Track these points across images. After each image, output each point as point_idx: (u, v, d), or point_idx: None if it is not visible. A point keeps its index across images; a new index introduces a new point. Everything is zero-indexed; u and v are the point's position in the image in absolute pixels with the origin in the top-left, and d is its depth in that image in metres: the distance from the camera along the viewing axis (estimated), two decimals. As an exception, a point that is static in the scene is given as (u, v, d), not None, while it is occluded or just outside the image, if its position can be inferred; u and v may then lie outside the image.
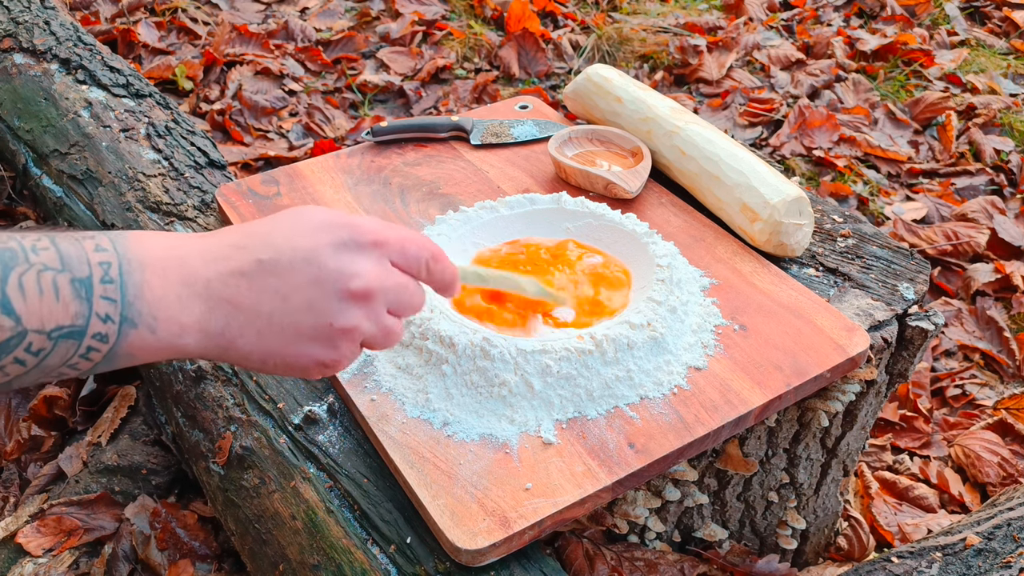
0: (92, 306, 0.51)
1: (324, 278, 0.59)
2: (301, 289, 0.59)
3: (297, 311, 0.59)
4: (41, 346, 0.50)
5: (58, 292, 0.50)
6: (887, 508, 1.41)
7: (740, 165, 1.05)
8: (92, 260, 0.52)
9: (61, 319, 0.50)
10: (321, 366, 0.62)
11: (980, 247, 1.97)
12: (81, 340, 0.51)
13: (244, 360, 0.60)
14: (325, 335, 0.60)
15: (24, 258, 0.49)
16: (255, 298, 0.58)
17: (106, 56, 1.62)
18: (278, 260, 0.59)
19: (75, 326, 0.50)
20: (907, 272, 1.03)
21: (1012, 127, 2.39)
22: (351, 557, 0.79)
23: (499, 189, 1.17)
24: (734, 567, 1.06)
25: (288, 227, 0.61)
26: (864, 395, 1.02)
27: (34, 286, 0.49)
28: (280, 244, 0.60)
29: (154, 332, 0.54)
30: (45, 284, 0.49)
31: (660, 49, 2.74)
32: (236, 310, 0.57)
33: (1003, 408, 1.60)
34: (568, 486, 0.76)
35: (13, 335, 0.48)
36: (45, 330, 0.49)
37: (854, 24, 2.99)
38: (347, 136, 2.30)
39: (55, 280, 0.50)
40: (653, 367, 0.86)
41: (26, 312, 0.48)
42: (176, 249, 0.57)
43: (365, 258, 0.62)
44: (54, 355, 0.50)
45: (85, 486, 1.20)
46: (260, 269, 0.58)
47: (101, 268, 0.52)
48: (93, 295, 0.51)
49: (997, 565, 0.93)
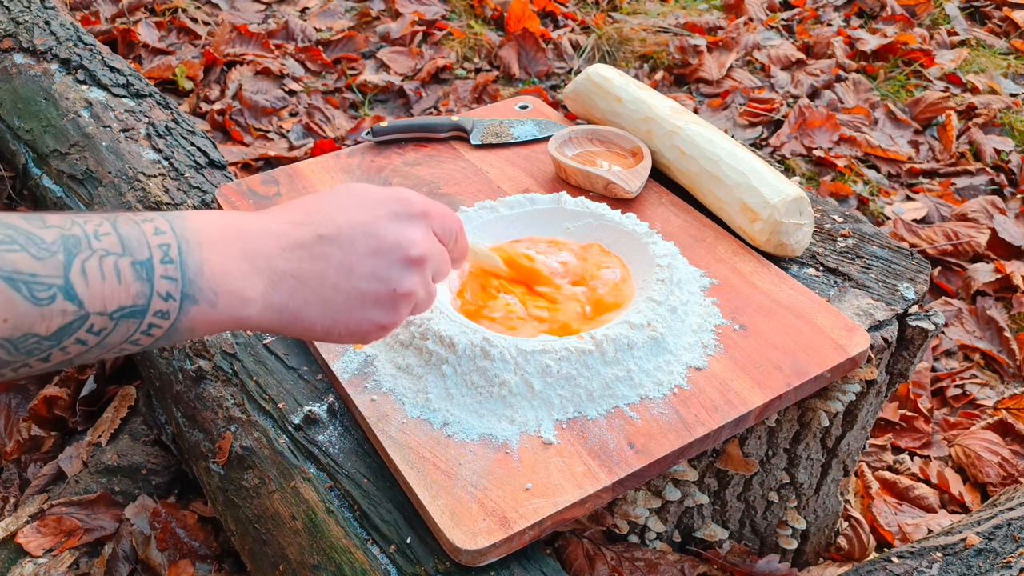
0: (153, 286, 0.52)
1: (385, 248, 0.64)
2: (364, 260, 0.63)
3: (362, 280, 0.63)
4: (103, 326, 0.51)
5: (120, 275, 0.51)
6: (887, 508, 1.41)
7: (740, 165, 1.05)
8: (152, 243, 0.53)
9: (123, 300, 0.51)
10: (380, 328, 0.65)
11: (980, 247, 1.96)
12: (143, 319, 0.52)
13: (308, 331, 0.62)
14: (388, 300, 0.64)
15: (87, 244, 0.50)
16: (319, 270, 0.61)
17: (106, 56, 1.62)
18: (339, 234, 0.62)
19: (136, 306, 0.52)
20: (907, 272, 1.03)
21: (1012, 127, 2.39)
22: (351, 557, 0.79)
23: (499, 189, 1.17)
24: (734, 567, 1.06)
25: (344, 203, 0.65)
26: (864, 395, 1.02)
27: (96, 271, 0.50)
28: (339, 219, 0.63)
29: (215, 307, 0.56)
30: (107, 268, 0.50)
31: (660, 49, 2.74)
32: (300, 283, 0.60)
33: (1003, 408, 1.60)
34: (568, 486, 0.76)
35: (76, 318, 0.49)
36: (107, 312, 0.50)
37: (854, 24, 2.99)
38: (347, 136, 2.30)
39: (117, 264, 0.51)
40: (653, 367, 0.86)
41: (88, 296, 0.49)
42: (234, 227, 0.59)
43: (417, 228, 0.66)
44: (115, 334, 0.52)
45: (85, 486, 1.20)
46: (322, 243, 0.61)
47: (161, 250, 0.53)
48: (154, 275, 0.52)
49: (997, 565, 0.93)
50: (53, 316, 0.48)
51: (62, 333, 0.49)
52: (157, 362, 1.10)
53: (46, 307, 0.48)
